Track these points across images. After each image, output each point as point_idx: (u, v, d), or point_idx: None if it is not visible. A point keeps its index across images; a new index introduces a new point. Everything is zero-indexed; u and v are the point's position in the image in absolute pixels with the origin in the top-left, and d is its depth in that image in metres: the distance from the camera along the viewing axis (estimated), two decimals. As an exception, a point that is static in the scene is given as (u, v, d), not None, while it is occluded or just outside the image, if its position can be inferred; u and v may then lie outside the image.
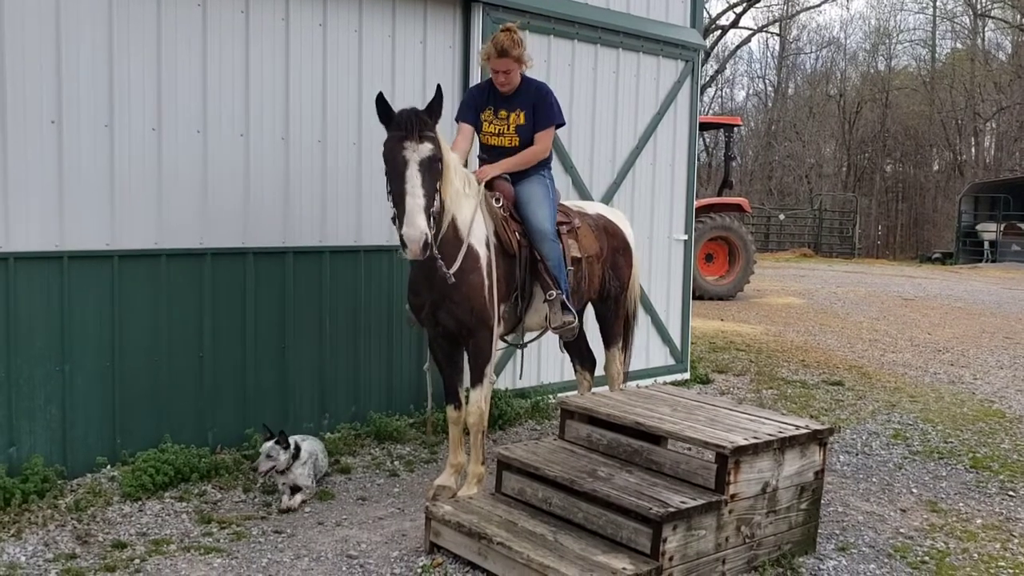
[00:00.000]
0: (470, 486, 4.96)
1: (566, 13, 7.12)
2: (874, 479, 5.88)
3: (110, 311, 5.20)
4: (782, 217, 32.92)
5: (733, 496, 4.18)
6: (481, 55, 5.36)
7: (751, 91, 48.80)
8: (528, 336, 5.92)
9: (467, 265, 4.80)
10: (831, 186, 40.35)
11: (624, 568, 3.81)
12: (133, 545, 4.39)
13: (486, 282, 4.89)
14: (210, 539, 4.51)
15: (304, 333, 5.96)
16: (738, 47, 43.75)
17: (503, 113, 5.33)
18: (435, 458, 5.88)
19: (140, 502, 4.90)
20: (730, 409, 4.88)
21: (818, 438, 4.55)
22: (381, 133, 6.03)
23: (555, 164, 7.11)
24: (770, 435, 4.34)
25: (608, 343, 6.10)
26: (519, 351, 6.94)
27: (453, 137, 5.31)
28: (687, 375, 8.52)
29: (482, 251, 4.91)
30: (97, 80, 5.06)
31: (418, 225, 4.31)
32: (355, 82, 6.09)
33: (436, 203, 4.50)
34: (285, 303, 5.86)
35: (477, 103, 5.40)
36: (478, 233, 4.92)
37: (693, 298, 15.23)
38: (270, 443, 4.98)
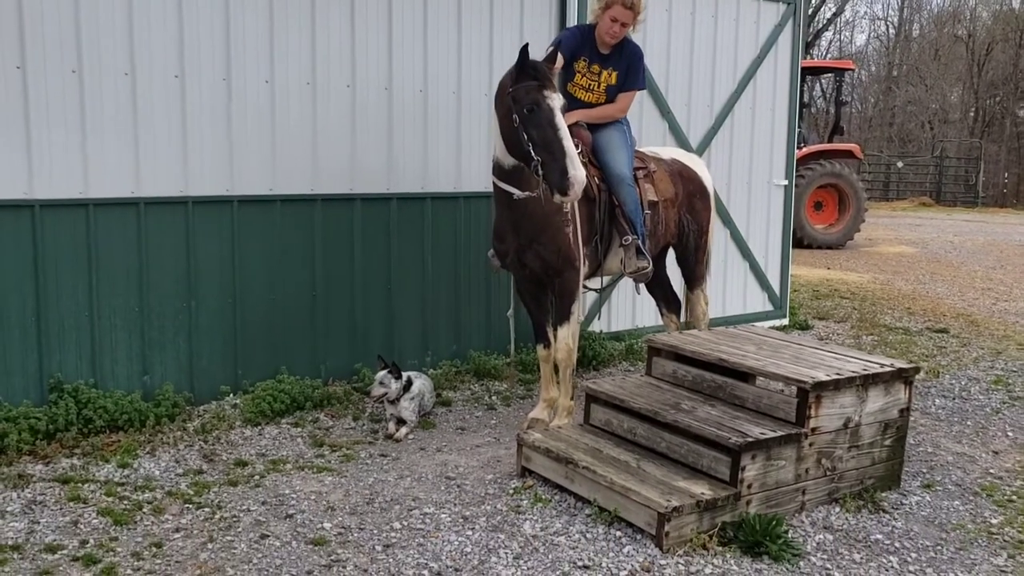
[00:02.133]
0: (560, 418, 5.22)
1: (664, -42, 7.16)
2: (968, 422, 5.87)
3: (230, 252, 5.62)
4: (900, 165, 31.77)
5: (814, 430, 4.31)
6: (598, 3, 5.36)
7: (872, 34, 47.01)
8: (606, 280, 6.04)
9: (552, 208, 4.95)
10: (956, 132, 38.61)
11: (703, 493, 4.01)
12: (253, 463, 4.82)
13: (570, 224, 5.05)
14: (322, 460, 4.91)
15: (408, 275, 6.29)
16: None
17: (596, 68, 5.43)
18: (530, 394, 6.16)
19: (259, 427, 5.34)
20: (816, 348, 4.98)
21: (903, 376, 4.61)
22: (479, 82, 6.31)
23: (652, 109, 7.30)
24: (853, 372, 4.43)
25: (692, 285, 6.24)
26: (613, 295, 7.16)
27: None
28: (786, 321, 8.55)
29: None
30: (216, 38, 5.43)
31: (582, 169, 4.52)
32: (455, 31, 6.30)
33: None
34: (390, 247, 6.20)
35: (575, 46, 5.41)
36: None
37: (801, 246, 15.25)
38: (384, 372, 5.32)
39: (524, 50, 4.66)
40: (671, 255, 6.29)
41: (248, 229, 5.67)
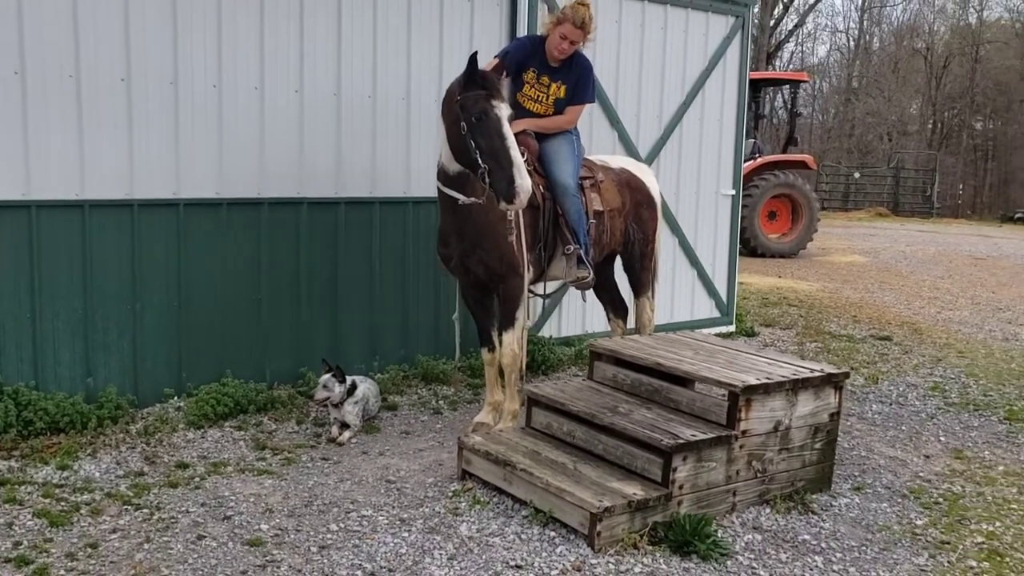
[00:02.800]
0: (505, 421, 5.28)
1: (613, -30, 7.28)
2: (903, 427, 6.03)
3: (176, 255, 5.63)
4: (857, 176, 32.31)
5: (744, 432, 4.41)
6: (550, 18, 5.47)
7: (833, 46, 47.69)
8: (550, 287, 6.10)
9: (495, 215, 5.02)
10: (916, 144, 39.29)
11: (635, 493, 4.09)
12: (194, 466, 4.84)
13: (514, 231, 5.12)
14: (263, 463, 4.93)
15: (355, 279, 6.33)
16: (818, 0, 42.56)
17: (546, 80, 5.49)
18: (477, 398, 6.22)
19: (202, 430, 5.35)
20: (750, 353, 5.10)
21: (833, 381, 4.74)
22: (428, 88, 6.36)
23: (602, 119, 7.41)
24: (783, 376, 4.55)
25: (637, 292, 6.31)
26: (564, 300, 7.26)
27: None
28: (733, 327, 8.69)
29: None
30: (164, 43, 5.45)
31: (528, 178, 4.61)
32: (404, 42, 6.36)
33: None
34: (338, 251, 6.23)
35: (523, 56, 5.48)
36: None
37: (755, 255, 15.46)
38: (327, 375, 5.35)
39: (473, 59, 4.73)
40: (618, 262, 6.37)
41: (194, 232, 5.68)
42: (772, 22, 39.18)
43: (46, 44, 5.08)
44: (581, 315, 7.51)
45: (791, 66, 43.53)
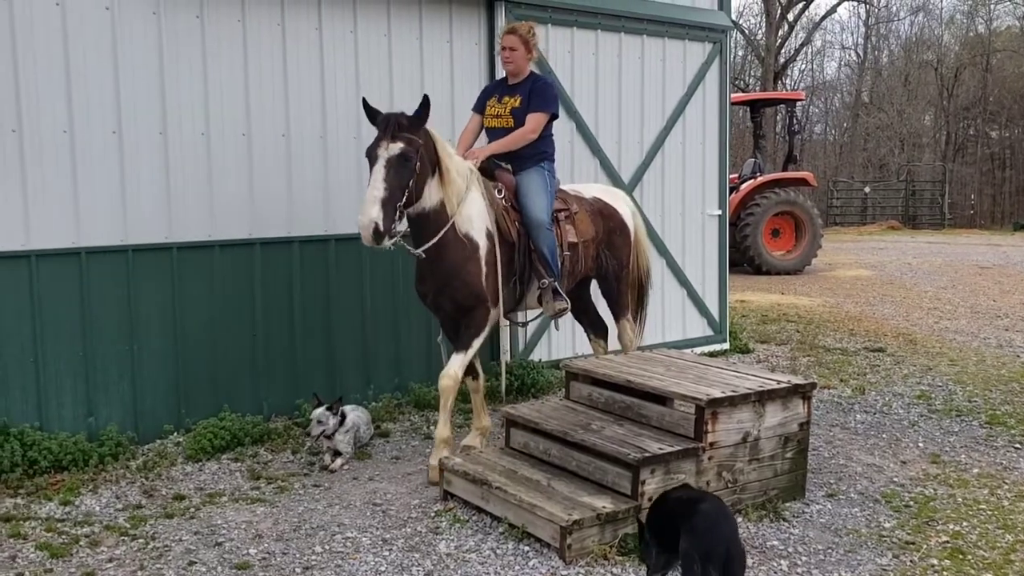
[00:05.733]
0: (437, 451, 5.22)
1: (588, 5, 7.53)
2: (884, 435, 6.16)
3: (171, 296, 5.89)
4: (867, 190, 32.32)
5: (712, 444, 4.58)
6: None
7: (843, 62, 47.83)
8: (531, 315, 6.19)
9: (465, 254, 5.24)
10: (930, 156, 39.23)
11: (604, 506, 4.27)
12: (191, 497, 5.06)
13: (484, 270, 5.30)
14: (257, 492, 5.15)
15: (348, 312, 6.56)
16: (824, 16, 42.77)
17: (506, 99, 5.71)
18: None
19: (200, 463, 5.58)
20: (721, 368, 5.27)
21: (800, 392, 4.90)
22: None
23: (583, 147, 7.62)
24: (749, 389, 4.72)
25: (616, 316, 6.42)
26: (553, 327, 7.44)
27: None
28: (727, 345, 8.84)
29: (482, 241, 5.32)
30: (152, 95, 5.75)
31: (367, 213, 4.73)
32: (386, 82, 6.64)
33: (404, 198, 4.88)
34: (329, 285, 6.48)
35: (487, 93, 5.91)
36: (478, 224, 5.34)
37: (759, 273, 15.57)
38: (321, 409, 5.56)
39: (364, 104, 5.06)
40: (595, 284, 6.53)
41: (188, 274, 5.94)
42: (778, 42, 39.46)
43: (42, 102, 5.39)
44: (572, 338, 7.69)
45: (800, 84, 43.75)
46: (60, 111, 5.45)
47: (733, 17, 9.13)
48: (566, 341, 7.68)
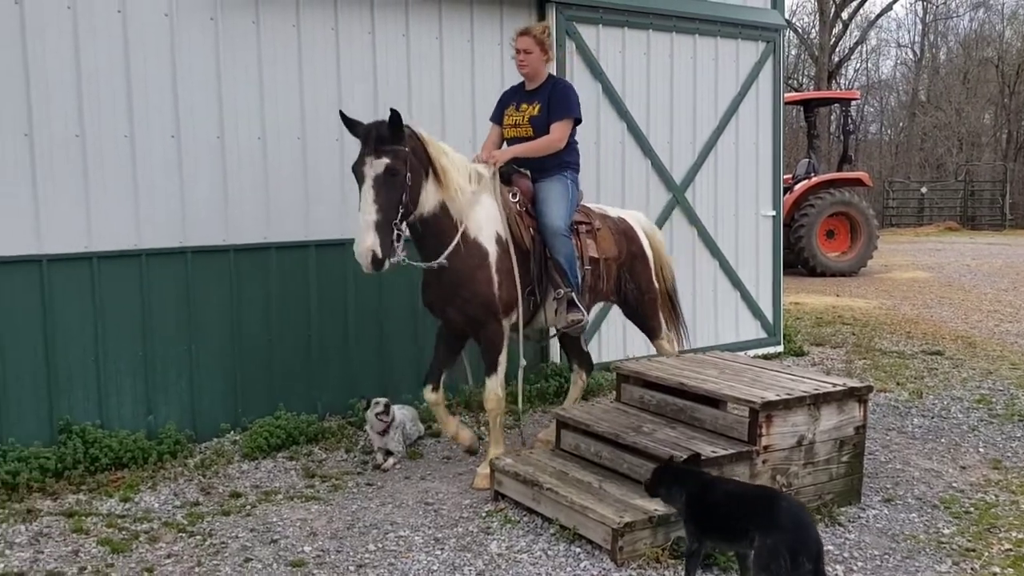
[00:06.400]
0: (486, 461, 5.20)
1: (639, 5, 7.50)
2: (943, 440, 6.04)
3: (229, 297, 5.99)
4: (924, 191, 31.70)
5: (766, 447, 4.53)
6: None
7: (899, 60, 46.99)
8: (552, 330, 5.99)
9: (474, 262, 5.04)
10: (990, 155, 38.31)
11: (656, 509, 4.24)
12: (247, 495, 5.14)
13: (494, 278, 5.09)
14: (311, 490, 5.21)
15: (400, 313, 6.61)
16: (880, 15, 42.02)
17: (523, 106, 5.50)
18: (518, 424, 6.42)
19: (256, 461, 5.67)
20: (776, 371, 5.21)
21: (856, 395, 4.83)
22: (462, 131, 6.66)
23: (634, 149, 7.60)
24: (804, 392, 4.66)
25: (651, 337, 6.20)
26: (603, 326, 7.42)
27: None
28: (780, 348, 8.74)
29: (491, 248, 5.11)
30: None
31: (363, 241, 4.58)
32: (437, 85, 6.68)
33: (400, 211, 4.70)
34: (381, 287, 6.53)
35: (505, 101, 5.68)
36: (487, 230, 5.12)
37: (814, 275, 15.36)
38: (377, 407, 5.60)
39: (341, 115, 4.83)
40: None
41: (245, 275, 6.04)
42: (832, 40, 38.88)
43: (103, 108, 5.52)
44: (622, 340, 7.67)
45: (855, 83, 43.07)
46: (120, 116, 5.58)
47: (786, 16, 9.02)
48: (616, 343, 7.66)
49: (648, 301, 6.06)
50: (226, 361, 6.03)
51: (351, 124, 4.83)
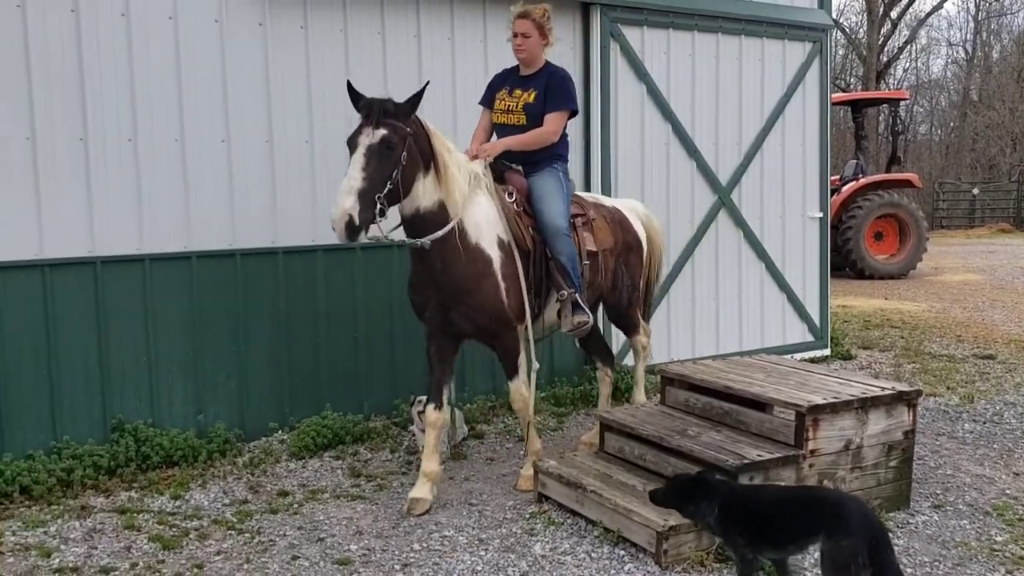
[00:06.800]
0: (527, 467, 5.17)
1: (685, 6, 7.47)
2: (995, 445, 5.93)
3: (277, 299, 6.07)
4: (975, 192, 31.07)
5: (813, 451, 4.49)
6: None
7: (949, 59, 46.15)
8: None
9: (479, 269, 4.81)
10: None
11: (700, 513, 4.22)
12: (294, 494, 5.21)
13: (501, 284, 4.87)
14: (357, 489, 5.27)
15: (444, 315, 6.65)
16: (930, 13, 41.36)
17: (518, 92, 5.22)
18: (562, 426, 6.44)
19: (303, 460, 5.74)
20: (823, 374, 5.16)
21: (905, 399, 4.76)
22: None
23: (679, 149, 7.57)
24: (851, 395, 4.61)
25: (629, 334, 6.03)
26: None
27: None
28: (827, 351, 8.63)
29: (494, 253, 4.88)
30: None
31: (340, 203, 4.27)
32: (482, 86, 6.68)
33: (387, 188, 4.41)
34: (426, 289, 6.58)
35: (496, 84, 5.40)
36: (488, 234, 4.89)
37: (862, 277, 15.15)
38: (415, 408, 5.63)
39: (348, 87, 4.57)
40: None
41: (293, 277, 6.12)
42: (880, 40, 38.32)
43: (155, 112, 5.64)
44: (667, 343, 7.64)
45: (904, 83, 42.40)
46: (172, 120, 5.68)
47: (834, 15, 8.92)
48: (661, 346, 7.63)
49: (637, 298, 5.90)
50: (274, 362, 6.11)
51: (356, 97, 4.57)
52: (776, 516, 3.68)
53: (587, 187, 7.17)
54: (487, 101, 5.43)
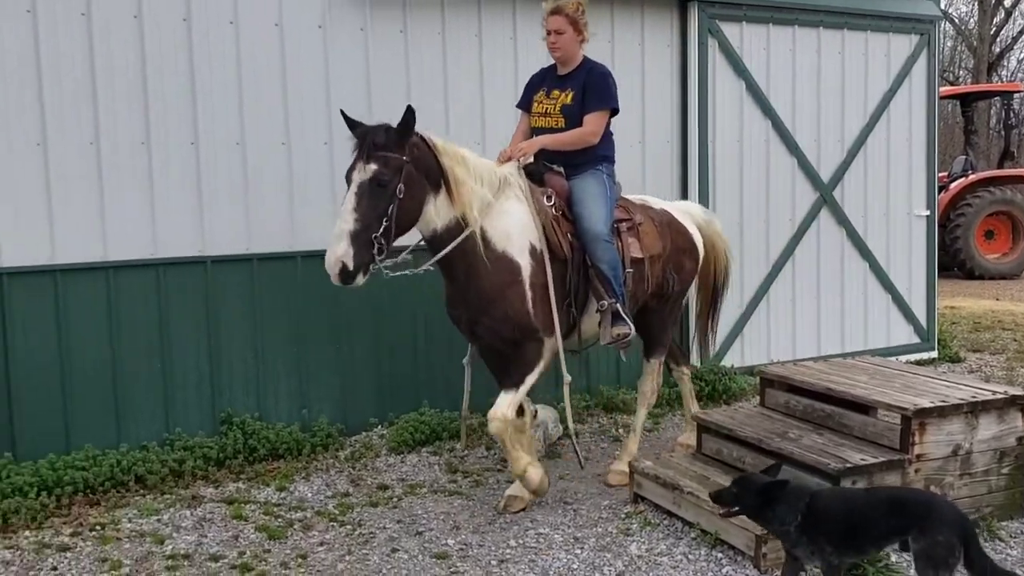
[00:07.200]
0: (521, 490, 4.90)
1: (785, 1, 7.34)
2: (1116, 454, 5.64)
3: (378, 299, 6.18)
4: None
5: (919, 456, 4.37)
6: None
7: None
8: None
9: (503, 279, 4.60)
10: None
11: (801, 516, 4.15)
12: (393, 487, 5.32)
13: (529, 295, 4.63)
14: (454, 485, 5.35)
15: (540, 314, 6.69)
16: (1051, 0, 39.38)
17: (555, 93, 4.96)
18: (658, 427, 6.41)
19: (402, 455, 5.86)
20: (929, 377, 5.01)
21: (1018, 404, 4.59)
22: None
23: (779, 146, 7.45)
24: (960, 399, 4.47)
25: (651, 352, 5.51)
26: (745, 329, 7.28)
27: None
28: (935, 354, 8.36)
29: (523, 261, 4.65)
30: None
31: (332, 250, 4.23)
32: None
33: (383, 225, 4.30)
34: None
35: (534, 84, 5.14)
36: (518, 241, 4.66)
37: (972, 278, 14.61)
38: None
39: (342, 115, 4.47)
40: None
41: (393, 278, 6.21)
42: (992, 30, 36.80)
43: (260, 117, 5.82)
44: (766, 344, 7.52)
45: (1018, 75, 40.60)
46: (277, 125, 5.87)
47: (942, 5, 8.63)
48: (760, 347, 7.52)
49: (679, 308, 5.66)
50: (374, 359, 6.25)
51: (352, 125, 4.44)
52: (866, 519, 3.58)
53: (684, 185, 7.13)
54: (525, 104, 5.17)
